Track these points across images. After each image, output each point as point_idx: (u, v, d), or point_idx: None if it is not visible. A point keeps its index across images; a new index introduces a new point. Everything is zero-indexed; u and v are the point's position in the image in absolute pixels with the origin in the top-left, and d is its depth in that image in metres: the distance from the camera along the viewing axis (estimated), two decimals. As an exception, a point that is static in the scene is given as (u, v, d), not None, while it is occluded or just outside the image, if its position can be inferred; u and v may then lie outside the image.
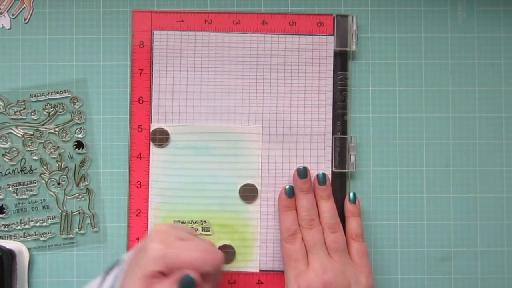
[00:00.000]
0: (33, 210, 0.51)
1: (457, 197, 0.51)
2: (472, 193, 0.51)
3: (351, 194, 0.49)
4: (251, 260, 0.51)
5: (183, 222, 0.51)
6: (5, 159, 0.51)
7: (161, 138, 0.50)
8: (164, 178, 0.51)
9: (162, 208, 0.51)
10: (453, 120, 0.52)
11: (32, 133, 0.51)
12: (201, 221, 0.51)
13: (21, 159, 0.51)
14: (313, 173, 0.50)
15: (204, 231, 0.51)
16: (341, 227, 0.48)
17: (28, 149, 0.51)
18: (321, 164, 0.51)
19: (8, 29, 0.51)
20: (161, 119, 0.51)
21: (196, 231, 0.51)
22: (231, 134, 0.51)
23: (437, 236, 0.51)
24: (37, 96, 0.51)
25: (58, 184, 0.51)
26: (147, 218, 0.50)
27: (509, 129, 0.52)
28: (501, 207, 0.51)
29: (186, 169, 0.51)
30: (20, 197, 0.51)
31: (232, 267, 0.51)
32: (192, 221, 0.51)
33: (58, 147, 0.51)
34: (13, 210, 0.51)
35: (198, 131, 0.51)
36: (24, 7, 0.51)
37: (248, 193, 0.51)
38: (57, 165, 0.51)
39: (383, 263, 0.51)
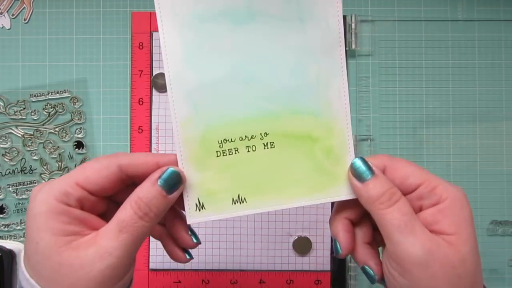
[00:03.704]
0: (33, 210, 0.51)
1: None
2: (472, 194, 0.51)
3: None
4: (342, 186, 0.33)
5: (232, 141, 0.33)
6: (5, 159, 0.50)
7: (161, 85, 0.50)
8: (192, 74, 0.33)
9: (194, 122, 0.33)
10: (454, 120, 0.52)
11: (32, 133, 0.51)
12: (261, 133, 0.33)
13: (21, 159, 0.51)
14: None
15: (266, 148, 0.33)
16: None
17: (28, 149, 0.51)
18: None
19: (8, 29, 0.51)
20: (161, 121, 0.51)
21: (254, 150, 0.33)
22: None
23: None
24: (37, 96, 0.51)
25: (58, 184, 0.51)
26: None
27: (509, 129, 0.52)
28: (501, 205, 0.51)
29: (223, 52, 0.33)
30: (20, 197, 0.50)
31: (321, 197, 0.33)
32: (244, 136, 0.33)
33: (58, 147, 0.51)
34: (13, 210, 0.51)
35: None
36: (24, 7, 0.51)
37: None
38: (57, 165, 0.51)
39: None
